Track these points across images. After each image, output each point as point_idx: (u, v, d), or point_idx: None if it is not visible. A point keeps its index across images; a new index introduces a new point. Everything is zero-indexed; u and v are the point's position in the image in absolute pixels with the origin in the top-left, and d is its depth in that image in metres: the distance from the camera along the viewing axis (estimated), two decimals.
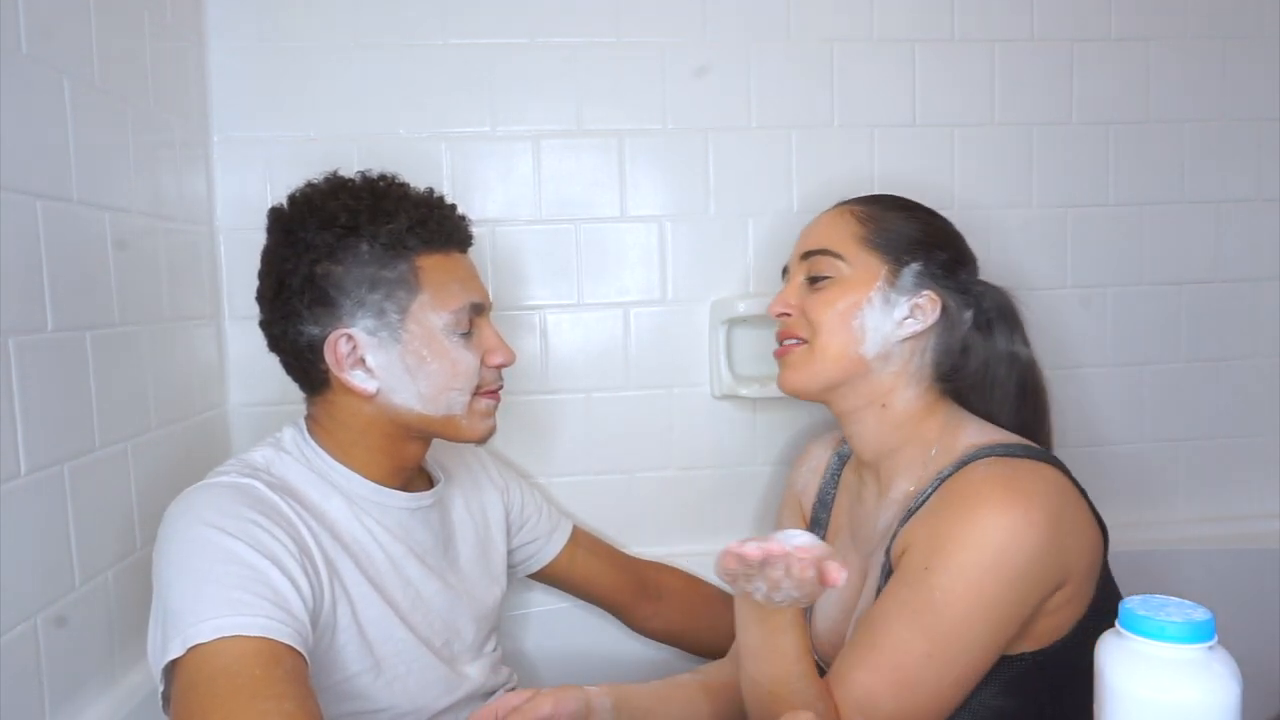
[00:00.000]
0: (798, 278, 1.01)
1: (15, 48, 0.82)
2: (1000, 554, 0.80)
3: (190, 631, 0.71)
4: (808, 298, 0.98)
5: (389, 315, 0.89)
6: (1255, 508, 1.49)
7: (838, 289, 0.96)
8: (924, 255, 0.96)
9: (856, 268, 0.96)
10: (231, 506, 0.81)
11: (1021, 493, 0.83)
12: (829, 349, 0.96)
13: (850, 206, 1.01)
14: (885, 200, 1.02)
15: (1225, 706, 0.55)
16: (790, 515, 1.15)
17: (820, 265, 0.98)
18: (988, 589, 0.80)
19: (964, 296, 0.97)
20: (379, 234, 0.88)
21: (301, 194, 0.92)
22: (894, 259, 0.96)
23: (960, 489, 0.86)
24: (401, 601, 0.93)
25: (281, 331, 0.91)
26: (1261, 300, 1.48)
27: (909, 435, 0.96)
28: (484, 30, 1.31)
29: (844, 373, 0.96)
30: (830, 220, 1.02)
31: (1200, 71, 1.44)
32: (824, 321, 0.96)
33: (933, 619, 0.81)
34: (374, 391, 0.90)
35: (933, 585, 0.81)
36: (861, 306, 0.95)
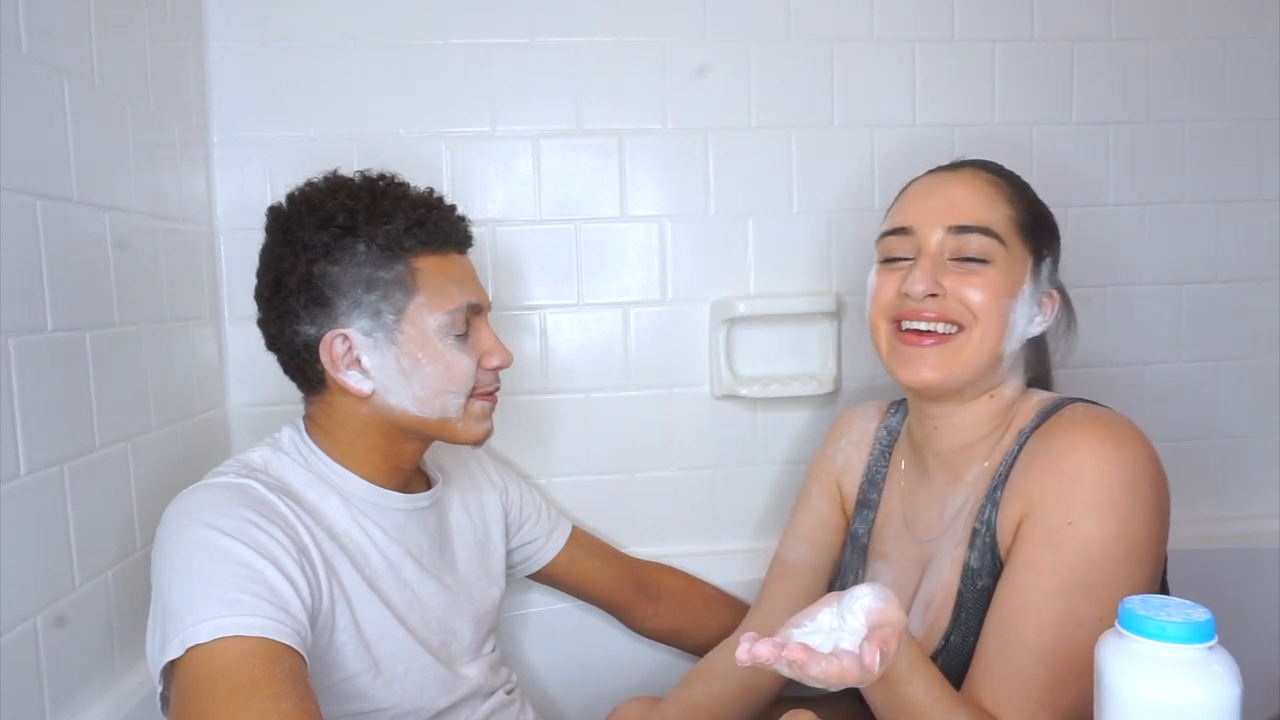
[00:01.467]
0: (935, 251, 0.88)
1: (15, 48, 0.82)
2: (1139, 484, 0.77)
3: (189, 632, 0.71)
4: (960, 279, 0.87)
5: (385, 316, 0.89)
6: (1255, 508, 1.49)
7: (999, 275, 0.86)
8: (1053, 247, 0.91)
9: (1014, 254, 0.87)
10: (229, 507, 0.81)
11: (1125, 426, 0.81)
12: (986, 342, 0.86)
13: (988, 176, 0.91)
14: (1010, 175, 0.94)
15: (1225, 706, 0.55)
16: (822, 495, 1.08)
17: (974, 245, 0.87)
18: (1137, 524, 0.76)
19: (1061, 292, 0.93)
20: (376, 234, 0.88)
21: (300, 193, 0.92)
22: (1037, 250, 0.89)
23: (1062, 432, 0.82)
24: (399, 602, 0.92)
25: (278, 331, 0.91)
26: (1261, 300, 1.48)
27: (997, 423, 0.91)
28: (484, 30, 1.31)
29: (989, 367, 0.88)
30: (975, 190, 0.90)
31: (1200, 71, 1.44)
32: (984, 309, 0.85)
33: (1097, 574, 0.75)
34: (369, 392, 0.90)
35: (1083, 539, 0.75)
36: (1016, 298, 0.87)
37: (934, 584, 0.90)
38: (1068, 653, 0.75)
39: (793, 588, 1.06)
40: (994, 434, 0.92)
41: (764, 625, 1.05)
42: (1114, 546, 0.76)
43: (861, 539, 1.02)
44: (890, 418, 1.06)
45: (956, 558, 0.88)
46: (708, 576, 1.32)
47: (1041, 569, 0.78)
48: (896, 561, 0.97)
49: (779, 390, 1.34)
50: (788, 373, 1.38)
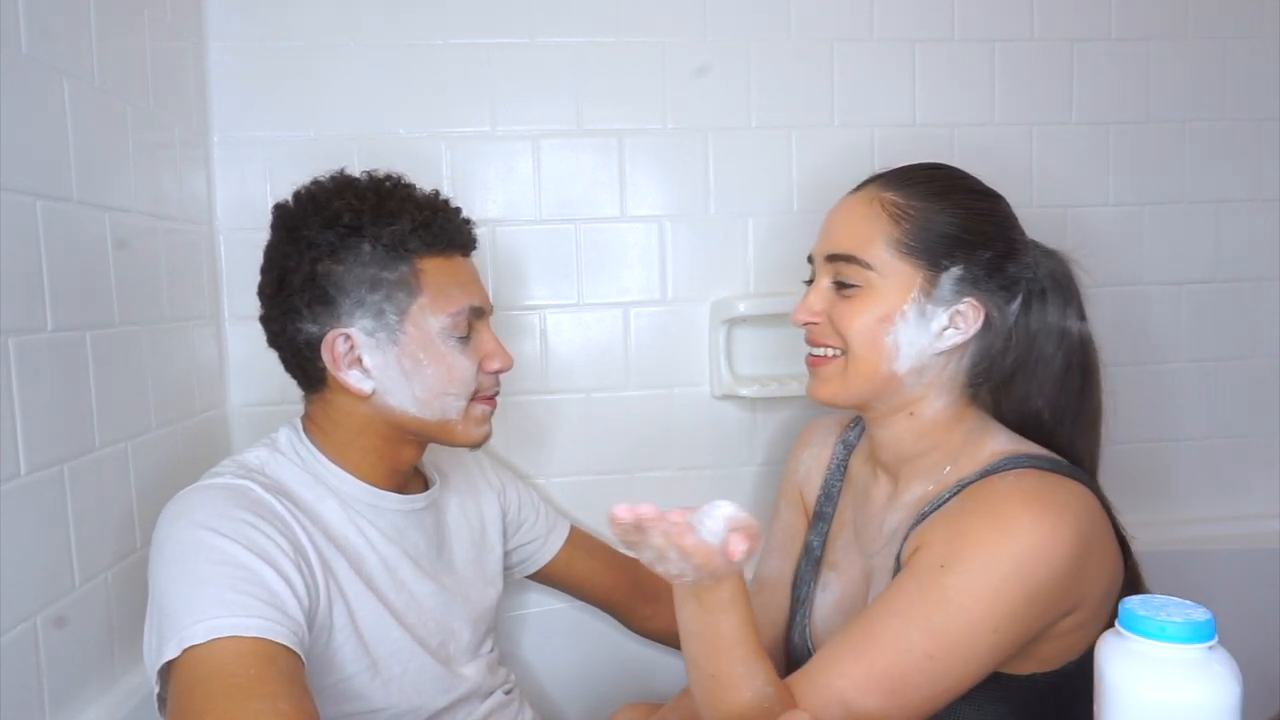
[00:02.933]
0: (823, 281, 0.91)
1: (15, 48, 0.82)
2: (1023, 564, 0.76)
3: (185, 633, 0.71)
4: (835, 305, 0.89)
5: (387, 316, 0.89)
6: (1255, 508, 1.49)
7: (868, 299, 0.87)
8: (964, 257, 0.86)
9: (889, 277, 0.86)
10: (226, 508, 0.81)
11: (1053, 506, 0.78)
12: (861, 366, 0.88)
13: (881, 193, 0.90)
14: (921, 184, 0.90)
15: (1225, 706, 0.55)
16: (788, 506, 1.09)
17: (848, 273, 0.88)
18: (1004, 598, 0.75)
19: (1009, 293, 0.88)
20: (381, 235, 0.88)
21: (307, 191, 0.92)
22: (931, 264, 0.86)
23: (987, 493, 0.82)
24: (396, 602, 0.92)
25: (280, 328, 0.91)
26: (1261, 300, 1.48)
27: (934, 442, 0.91)
28: (484, 30, 1.31)
29: (877, 389, 0.89)
30: (858, 214, 0.90)
31: (1200, 71, 1.44)
32: (854, 335, 0.88)
33: (943, 619, 0.76)
34: (370, 392, 0.90)
35: (947, 585, 0.76)
36: (894, 321, 0.86)
37: None
38: (886, 668, 0.76)
39: (769, 601, 1.06)
40: (934, 454, 0.91)
41: None
42: (972, 606, 0.76)
43: (815, 550, 1.02)
44: (848, 432, 1.07)
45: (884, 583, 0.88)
46: None
47: (900, 592, 0.79)
48: (845, 571, 0.97)
49: (779, 390, 1.34)
50: (788, 373, 1.38)
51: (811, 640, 0.97)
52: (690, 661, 0.80)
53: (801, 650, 0.97)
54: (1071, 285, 0.92)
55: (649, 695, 1.14)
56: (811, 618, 0.99)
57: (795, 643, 0.99)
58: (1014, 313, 0.89)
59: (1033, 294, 0.90)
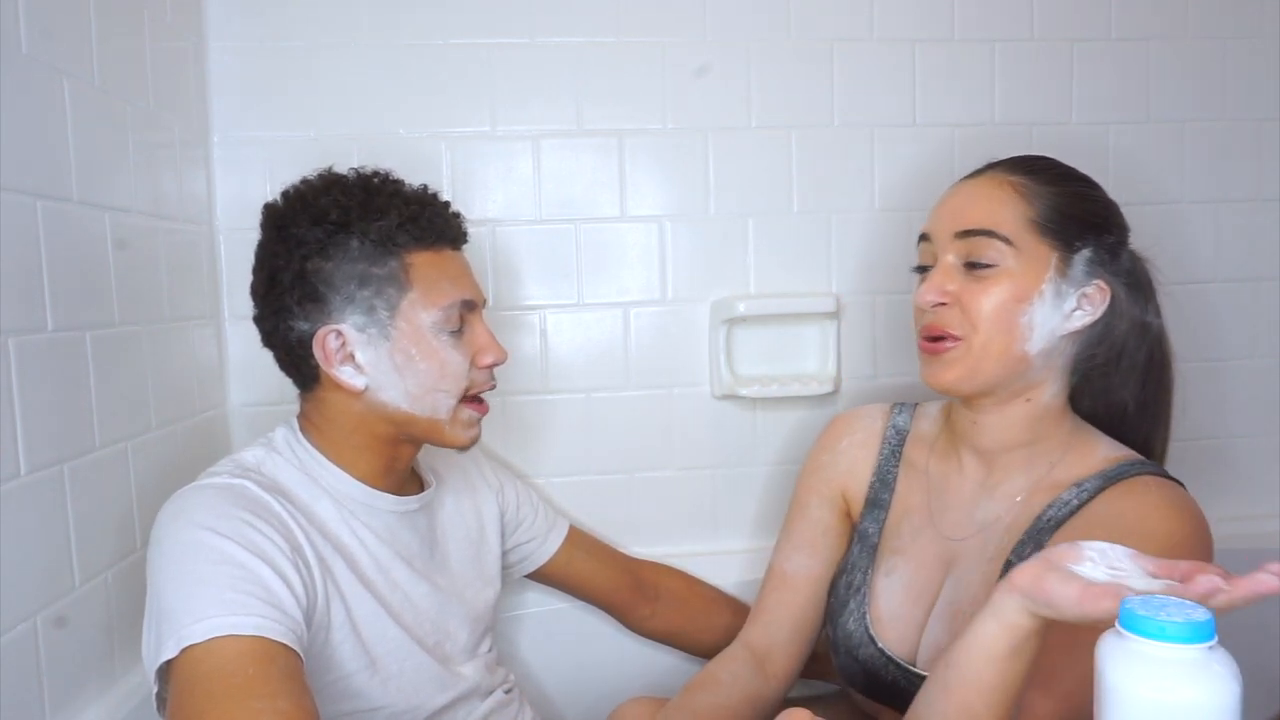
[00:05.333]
0: (949, 258, 0.88)
1: (15, 48, 0.82)
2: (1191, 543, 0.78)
3: (184, 632, 0.71)
4: (967, 286, 0.86)
5: (379, 312, 0.89)
6: (1255, 508, 1.49)
7: (1006, 280, 0.85)
8: (1095, 239, 0.87)
9: (1025, 254, 0.85)
10: (223, 507, 0.81)
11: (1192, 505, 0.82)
12: (991, 348, 0.85)
13: (1009, 177, 0.89)
14: (1043, 169, 0.91)
15: (1225, 706, 0.55)
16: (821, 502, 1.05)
17: (982, 248, 0.86)
18: None
19: (1128, 277, 0.88)
20: (369, 230, 0.88)
21: (295, 190, 0.92)
22: (1065, 245, 0.86)
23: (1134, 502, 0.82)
24: (391, 602, 0.93)
25: (273, 327, 0.91)
26: (1261, 300, 1.48)
27: (1042, 432, 0.90)
28: (484, 30, 1.31)
29: (1007, 371, 0.86)
30: (989, 193, 0.88)
31: (1200, 71, 1.44)
32: (987, 317, 0.85)
33: None
34: (362, 388, 0.90)
35: None
36: (1032, 301, 0.84)
37: (962, 593, 0.89)
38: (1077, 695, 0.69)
39: (794, 598, 1.05)
40: (1040, 445, 0.90)
41: (766, 640, 1.05)
42: None
43: (872, 537, 1.01)
44: (897, 417, 1.05)
45: (989, 576, 0.87)
46: (707, 577, 1.32)
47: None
48: (915, 557, 0.95)
49: (779, 390, 1.34)
50: (787, 373, 1.38)
51: (873, 626, 0.95)
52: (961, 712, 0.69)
53: (859, 637, 0.95)
54: (1149, 281, 0.93)
55: (649, 694, 1.14)
56: (874, 604, 0.96)
57: (851, 630, 0.96)
58: (1127, 301, 0.89)
59: (1134, 296, 0.91)
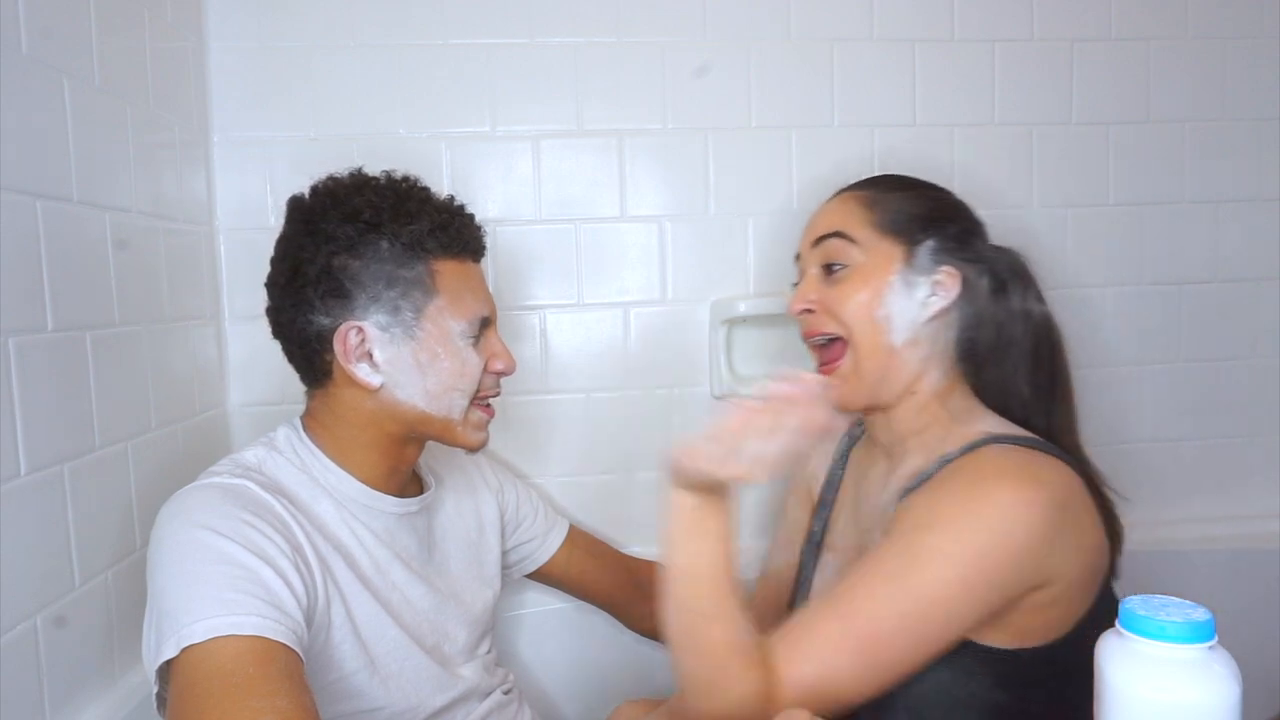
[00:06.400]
0: (811, 269, 0.98)
1: (15, 48, 0.82)
2: (999, 529, 0.78)
3: (184, 632, 0.71)
4: (828, 291, 0.95)
5: (403, 313, 0.90)
6: (1255, 508, 1.49)
7: (858, 277, 0.93)
8: (936, 230, 0.94)
9: (872, 253, 0.93)
10: (224, 507, 0.81)
11: (1030, 479, 0.81)
12: (865, 347, 0.93)
13: (852, 192, 0.99)
14: (885, 181, 1.01)
15: (1225, 706, 0.55)
16: (797, 503, 1.12)
17: (834, 251, 0.95)
18: (976, 560, 0.78)
19: (980, 265, 0.95)
20: (400, 233, 0.89)
21: (325, 186, 0.93)
22: (908, 239, 0.94)
23: (968, 466, 0.85)
24: (390, 602, 0.93)
25: (290, 319, 0.91)
26: (1261, 300, 1.48)
27: (931, 417, 0.94)
28: (484, 30, 1.31)
29: (883, 369, 0.93)
30: (836, 207, 0.99)
31: (1200, 71, 1.44)
32: (849, 313, 0.93)
33: (917, 579, 0.78)
34: (378, 386, 0.90)
35: (923, 545, 0.79)
36: (884, 293, 0.92)
37: None
38: (860, 627, 0.79)
39: (773, 594, 1.09)
40: (930, 430, 0.94)
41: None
42: (945, 566, 0.78)
43: (816, 536, 1.05)
44: (855, 428, 1.11)
45: None
46: None
47: (877, 555, 0.82)
48: (843, 552, 1.00)
49: None
50: None
51: None
52: (676, 606, 0.81)
53: None
54: (1027, 273, 0.99)
55: (648, 694, 1.14)
56: (810, 600, 1.01)
57: None
58: (986, 287, 0.95)
59: (997, 283, 0.96)
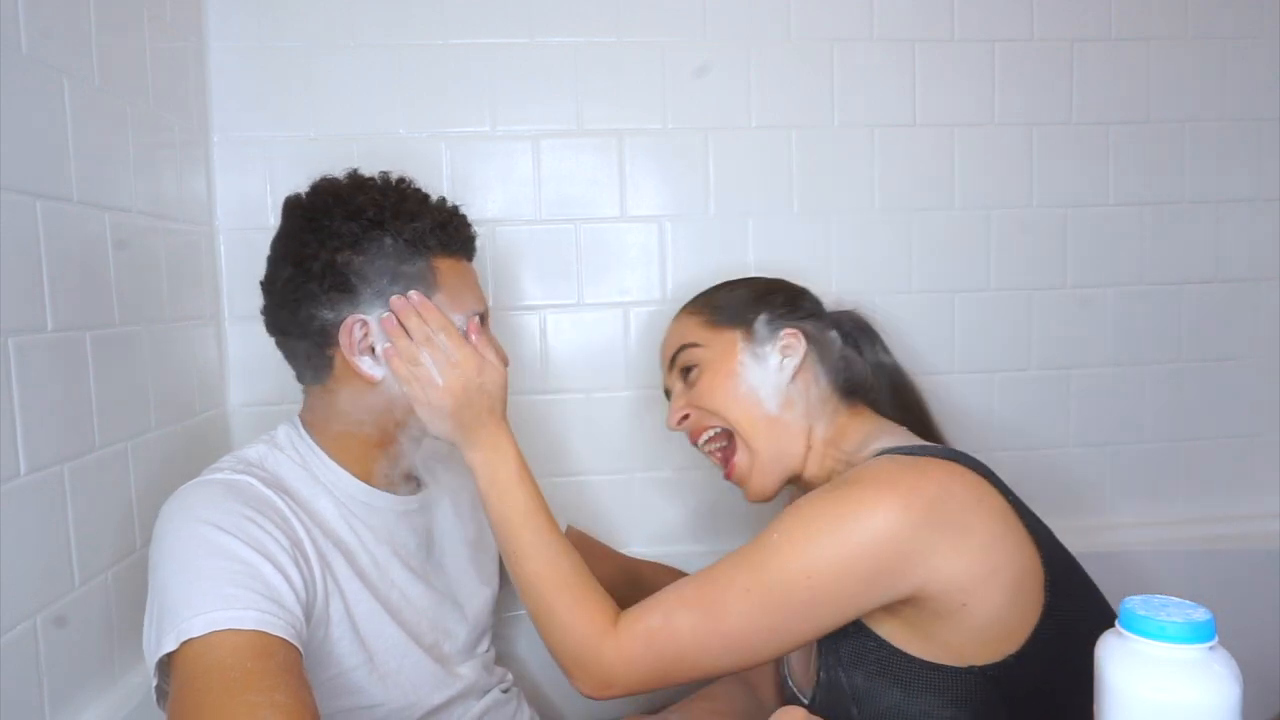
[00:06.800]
0: (676, 385, 1.06)
1: (15, 48, 0.82)
2: (846, 522, 0.79)
3: (183, 626, 0.71)
4: (692, 394, 1.02)
5: None
6: (1255, 508, 1.49)
7: (709, 371, 1.01)
8: (763, 306, 1.02)
9: (715, 346, 1.01)
10: (225, 503, 0.81)
11: (896, 482, 0.81)
12: (749, 428, 0.99)
13: (684, 310, 1.08)
14: (709, 290, 1.09)
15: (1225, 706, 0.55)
16: None
17: (686, 357, 1.03)
18: (822, 547, 0.79)
19: (817, 320, 1.02)
20: (403, 230, 0.91)
21: (324, 185, 0.94)
22: (742, 321, 1.01)
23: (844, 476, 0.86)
24: (389, 599, 0.93)
25: (291, 315, 0.92)
26: (1261, 300, 1.48)
27: (833, 462, 0.98)
28: (484, 30, 1.31)
29: (775, 441, 0.99)
30: (675, 327, 1.07)
31: (1200, 71, 1.44)
32: (718, 401, 1.00)
33: (760, 557, 0.81)
34: (379, 379, 0.91)
35: (773, 530, 0.82)
36: (738, 373, 0.99)
37: None
38: (707, 590, 0.82)
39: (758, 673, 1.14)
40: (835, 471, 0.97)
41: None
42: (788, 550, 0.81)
43: None
44: None
45: None
46: None
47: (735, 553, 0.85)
48: None
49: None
50: None
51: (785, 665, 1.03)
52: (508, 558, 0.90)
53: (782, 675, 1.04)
54: (870, 328, 1.07)
55: (647, 697, 1.14)
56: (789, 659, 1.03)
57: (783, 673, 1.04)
58: (836, 338, 1.02)
59: (849, 337, 1.03)
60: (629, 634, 0.83)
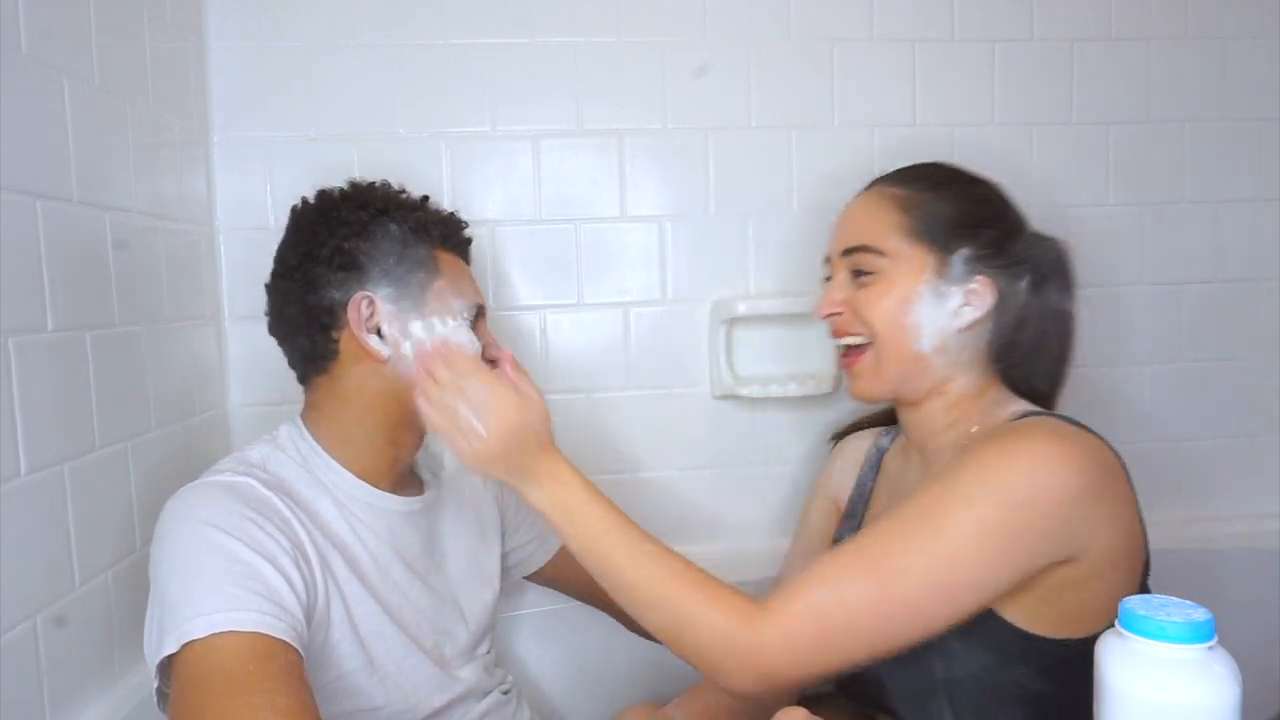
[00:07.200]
0: (841, 273, 0.97)
1: (15, 48, 0.82)
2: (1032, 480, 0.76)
3: (185, 627, 0.71)
4: (855, 295, 0.94)
5: (411, 288, 0.93)
6: (1255, 508, 1.49)
7: (884, 284, 0.92)
8: (971, 238, 0.92)
9: (901, 261, 0.92)
10: (226, 504, 0.81)
11: (1065, 439, 0.80)
12: (888, 349, 0.92)
13: (887, 188, 0.96)
14: (922, 177, 0.97)
15: (1225, 706, 0.55)
16: (819, 513, 1.12)
17: (863, 261, 0.94)
18: (1007, 511, 0.76)
19: (1016, 270, 0.92)
20: (408, 219, 0.95)
21: (328, 188, 0.98)
22: (941, 247, 0.91)
23: (1005, 428, 0.84)
24: (390, 601, 0.93)
25: (299, 298, 0.93)
26: (1261, 300, 1.48)
27: (961, 413, 0.94)
28: (484, 30, 1.31)
29: (906, 372, 0.93)
30: (867, 208, 0.97)
31: (1200, 71, 1.44)
32: (876, 318, 0.92)
33: (942, 521, 0.76)
34: (386, 357, 0.92)
35: (952, 490, 0.78)
36: (912, 302, 0.91)
37: None
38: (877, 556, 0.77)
39: None
40: (957, 425, 0.94)
41: None
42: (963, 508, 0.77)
43: None
44: (882, 438, 1.10)
45: None
46: None
47: (906, 502, 0.80)
48: None
49: (779, 390, 1.34)
50: (788, 373, 1.38)
51: None
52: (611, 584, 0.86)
53: None
54: (1066, 269, 0.97)
55: (649, 696, 1.14)
56: None
57: None
58: (1023, 290, 0.93)
59: (1038, 278, 0.94)
60: (788, 613, 0.76)
